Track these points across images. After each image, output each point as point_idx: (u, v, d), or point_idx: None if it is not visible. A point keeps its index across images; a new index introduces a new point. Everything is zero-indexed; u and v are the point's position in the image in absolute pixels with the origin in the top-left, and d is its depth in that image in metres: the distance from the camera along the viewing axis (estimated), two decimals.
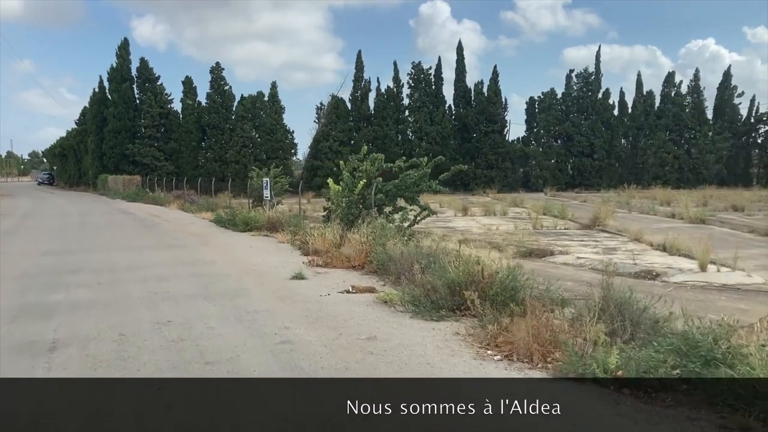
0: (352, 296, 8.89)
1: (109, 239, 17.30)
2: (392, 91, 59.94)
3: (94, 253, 14.24)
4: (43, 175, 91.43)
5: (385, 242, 11.62)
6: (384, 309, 8.05)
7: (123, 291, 9.47)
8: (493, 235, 22.31)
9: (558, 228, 25.06)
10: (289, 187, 24.75)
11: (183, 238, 17.45)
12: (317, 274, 10.82)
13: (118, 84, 55.70)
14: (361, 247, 11.90)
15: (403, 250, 10.43)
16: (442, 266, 8.88)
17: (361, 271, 11.20)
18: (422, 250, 10.28)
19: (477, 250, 13.43)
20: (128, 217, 25.86)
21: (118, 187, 46.95)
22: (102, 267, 11.91)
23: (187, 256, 13.43)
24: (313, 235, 14.29)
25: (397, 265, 9.77)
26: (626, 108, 61.50)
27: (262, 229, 19.05)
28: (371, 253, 11.55)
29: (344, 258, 11.74)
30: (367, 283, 9.91)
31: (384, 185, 17.03)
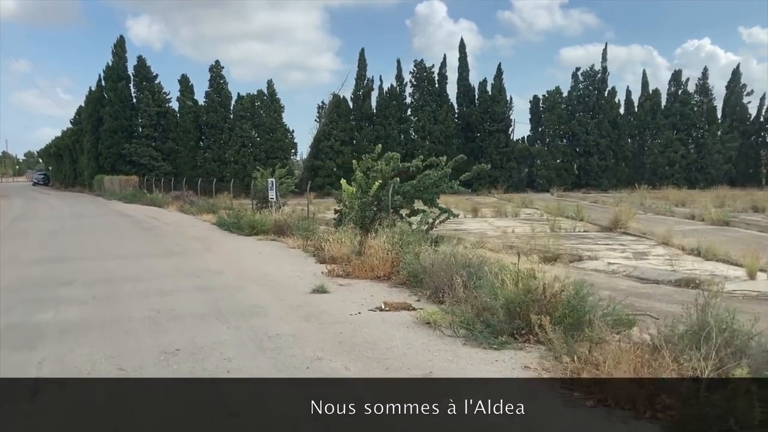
0: (387, 315, 7.69)
1: (105, 245, 16.08)
2: (395, 90, 58.73)
3: (88, 260, 13.02)
4: (38, 176, 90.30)
5: (415, 250, 10.44)
6: (428, 333, 6.85)
7: (121, 309, 8.25)
8: (511, 239, 21.17)
9: (577, 230, 23.89)
10: (295, 188, 23.53)
11: (185, 243, 16.23)
12: (340, 287, 9.61)
13: (114, 82, 54.39)
14: (385, 255, 10.70)
15: (436, 258, 9.24)
16: (488, 280, 7.71)
17: (387, 282, 10.01)
18: (459, 259, 9.07)
19: (502, 255, 12.26)
20: (125, 220, 24.61)
21: (115, 188, 45.67)
22: (97, 278, 10.69)
23: (190, 265, 12.22)
24: (329, 240, 13.09)
25: (433, 277, 8.57)
26: (632, 107, 60.38)
27: (269, 233, 17.86)
28: (398, 262, 10.36)
29: (367, 267, 10.55)
30: (398, 297, 8.72)
31: (401, 186, 15.86)
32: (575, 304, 6.63)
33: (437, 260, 9.14)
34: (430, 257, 9.49)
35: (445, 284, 8.21)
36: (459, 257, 8.82)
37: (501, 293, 6.78)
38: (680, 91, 59.22)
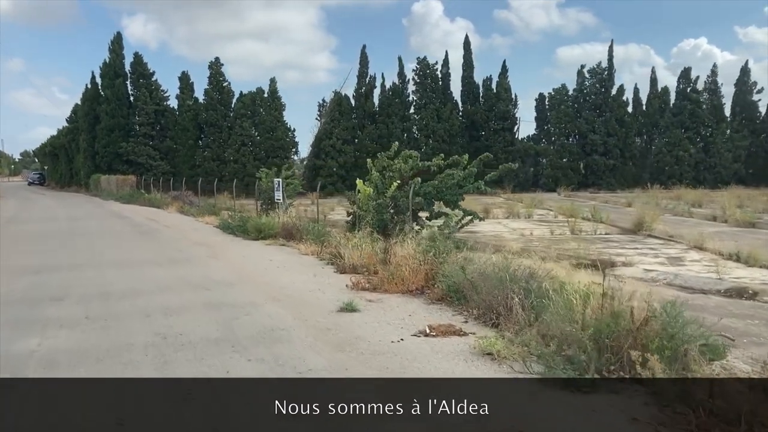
0: (435, 342, 6.48)
1: (102, 251, 14.81)
2: (397, 88, 57.50)
3: (83, 269, 11.77)
4: (34, 175, 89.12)
5: (451, 258, 9.23)
6: (493, 368, 5.64)
7: (119, 333, 7.02)
8: (532, 242, 20.02)
9: (598, 233, 22.72)
10: (302, 188, 22.32)
11: (188, 248, 14.99)
12: (369, 303, 8.39)
13: (111, 80, 53.11)
14: (416, 265, 9.48)
15: (484, 271, 8.03)
16: (553, 299, 6.52)
17: (422, 297, 8.79)
18: (508, 272, 7.86)
19: (548, 265, 11.05)
20: (123, 222, 23.34)
21: (112, 188, 44.36)
22: (92, 292, 9.45)
23: (196, 275, 10.98)
24: (348, 246, 11.88)
25: (483, 294, 7.36)
26: (640, 105, 59.22)
27: (277, 237, 16.64)
28: (434, 274, 9.16)
29: (397, 279, 9.33)
30: (440, 317, 7.51)
31: (422, 186, 14.68)
32: (674, 332, 5.43)
33: (485, 273, 7.94)
34: (476, 269, 8.29)
35: (499, 303, 7.01)
36: (511, 269, 7.60)
37: (583, 319, 5.57)
38: (689, 89, 58.08)
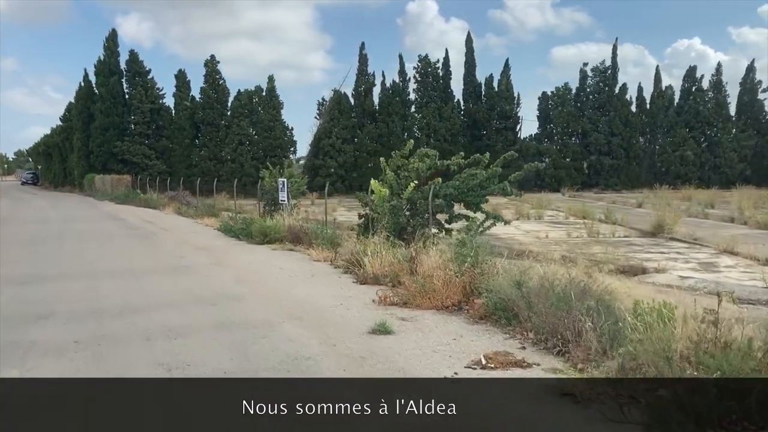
0: (496, 376, 5.38)
1: (95, 257, 13.65)
2: (397, 86, 56.38)
3: (73, 280, 10.63)
4: (27, 175, 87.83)
5: (489, 268, 8.15)
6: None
7: (115, 362, 5.89)
8: (550, 246, 18.98)
9: (617, 235, 21.68)
10: (307, 189, 21.20)
11: (189, 254, 13.85)
12: (403, 323, 7.29)
13: (105, 78, 51.82)
14: (450, 277, 8.38)
15: (539, 286, 6.95)
16: (628, 322, 5.46)
17: (460, 315, 7.70)
18: (574, 288, 6.77)
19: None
20: (118, 224, 22.15)
21: (106, 188, 43.10)
22: (83, 308, 8.32)
23: (200, 286, 9.86)
24: (367, 253, 10.77)
25: (544, 316, 6.27)
26: (644, 104, 58.22)
27: (284, 241, 15.55)
28: (474, 287, 8.07)
29: (429, 292, 8.23)
30: (491, 342, 6.42)
31: (442, 188, 13.59)
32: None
33: (541, 288, 6.85)
34: (533, 284, 7.20)
35: (565, 327, 5.91)
36: (574, 286, 6.51)
37: (696, 353, 4.48)
38: (694, 88, 57.15)
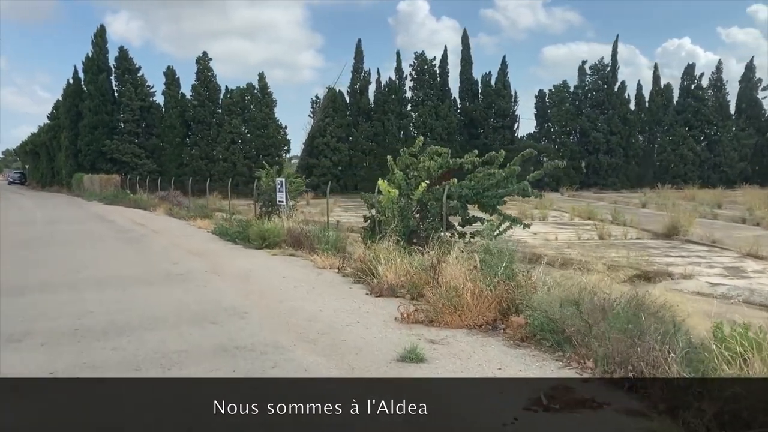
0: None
1: (81, 264, 12.55)
2: (393, 84, 55.45)
3: (55, 291, 9.56)
4: (14, 175, 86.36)
5: (524, 280, 7.16)
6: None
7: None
8: (563, 249, 18.07)
9: (629, 237, 20.78)
10: (305, 188, 20.15)
11: (183, 260, 12.78)
12: (433, 346, 6.28)
13: (94, 75, 50.57)
14: (481, 290, 7.38)
15: (585, 301, 5.97)
16: (715, 352, 4.50)
17: (498, 335, 6.71)
18: (643, 308, 5.80)
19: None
20: (107, 227, 21.01)
21: (95, 188, 41.85)
22: (64, 326, 7.26)
23: (197, 299, 8.82)
24: (380, 260, 9.77)
25: (608, 342, 5.27)
26: (643, 102, 57.48)
27: (283, 246, 14.51)
28: (510, 301, 7.09)
29: (458, 308, 7.24)
30: (543, 370, 5.43)
31: (456, 188, 12.61)
32: None
33: (589, 304, 5.88)
34: (568, 297, 6.23)
35: (639, 357, 4.92)
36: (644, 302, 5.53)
37: None
38: (693, 86, 56.47)
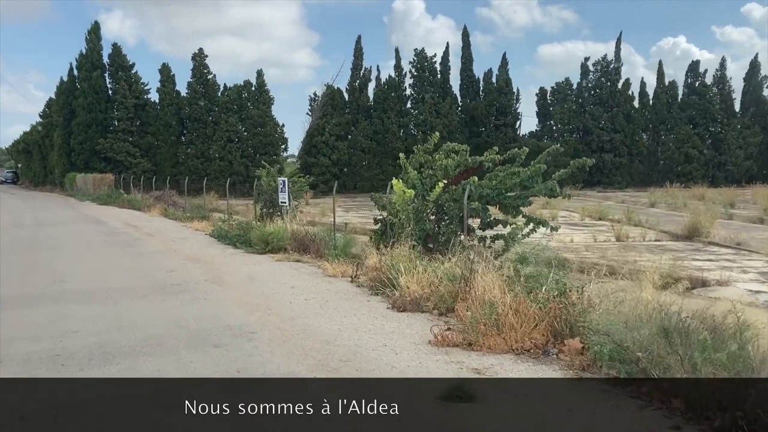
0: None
1: (67, 272, 11.48)
2: (393, 81, 54.41)
3: (36, 305, 8.50)
4: (7, 174, 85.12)
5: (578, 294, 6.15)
6: None
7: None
8: (582, 252, 17.14)
9: (648, 239, 19.83)
10: (309, 188, 19.14)
11: (179, 267, 11.71)
12: (480, 377, 5.27)
13: (87, 72, 49.38)
14: (526, 307, 6.38)
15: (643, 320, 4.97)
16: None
17: (548, 361, 5.71)
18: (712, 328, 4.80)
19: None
20: (98, 229, 19.91)
21: (88, 188, 40.71)
22: (41, 350, 6.20)
23: (197, 315, 7.77)
24: (400, 269, 8.75)
25: (699, 378, 4.26)
26: (647, 100, 56.55)
27: (288, 250, 13.48)
28: (564, 321, 6.08)
29: (501, 328, 6.23)
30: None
31: (478, 188, 11.60)
32: None
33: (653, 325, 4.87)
34: (637, 318, 5.23)
35: (754, 401, 3.92)
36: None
37: None
38: (698, 83, 55.58)
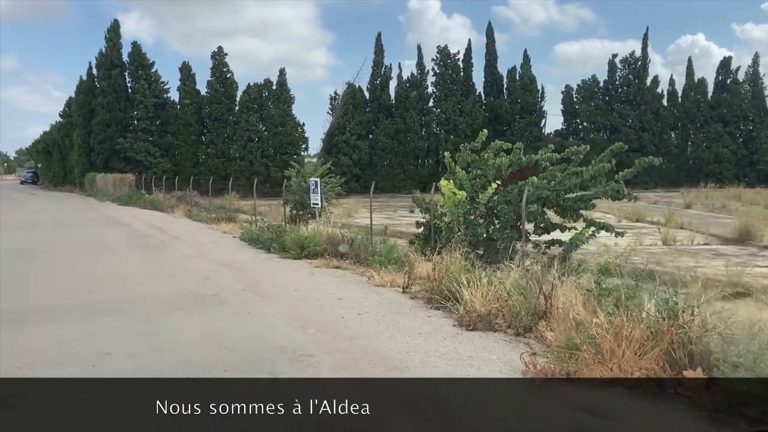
0: None
1: (92, 278, 10.63)
2: (415, 79, 53.55)
3: (60, 319, 7.64)
4: (27, 174, 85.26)
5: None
6: None
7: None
8: (629, 257, 16.01)
9: (696, 243, 18.71)
10: (341, 189, 18.21)
11: (213, 275, 10.83)
12: (600, 423, 4.33)
13: (107, 71, 48.89)
14: (632, 329, 5.40)
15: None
16: None
17: (670, 399, 4.74)
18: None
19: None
20: (121, 231, 19.12)
21: (108, 188, 40.11)
22: (67, 376, 5.34)
23: (242, 334, 6.84)
24: (461, 281, 7.79)
25: None
26: (676, 97, 55.12)
27: (325, 255, 12.57)
28: (683, 347, 5.10)
29: (604, 355, 5.27)
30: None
31: (537, 189, 10.62)
32: None
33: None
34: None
35: None
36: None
37: None
38: (729, 81, 54.04)
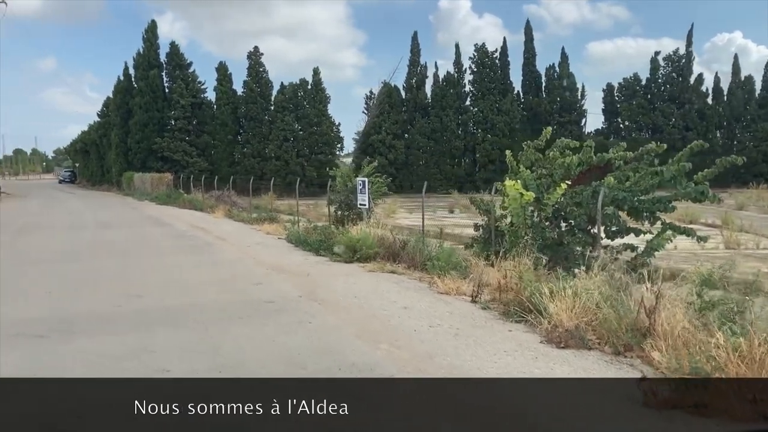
0: None
1: (140, 282, 10.21)
2: (452, 77, 52.74)
3: (110, 329, 7.17)
4: (65, 173, 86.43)
5: None
6: None
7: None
8: (692, 262, 15.16)
9: (762, 247, 17.77)
10: (387, 189, 17.60)
11: (266, 279, 10.30)
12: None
13: (145, 71, 49.10)
14: (758, 352, 4.71)
15: None
16: None
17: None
18: None
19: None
20: (164, 231, 18.79)
21: (146, 187, 40.19)
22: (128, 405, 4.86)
23: (310, 347, 6.28)
24: (543, 291, 7.14)
25: None
26: (721, 96, 53.44)
27: (378, 259, 12.00)
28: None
29: (731, 383, 4.59)
30: None
31: (612, 191, 9.92)
32: None
33: None
34: None
35: None
36: None
37: None
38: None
